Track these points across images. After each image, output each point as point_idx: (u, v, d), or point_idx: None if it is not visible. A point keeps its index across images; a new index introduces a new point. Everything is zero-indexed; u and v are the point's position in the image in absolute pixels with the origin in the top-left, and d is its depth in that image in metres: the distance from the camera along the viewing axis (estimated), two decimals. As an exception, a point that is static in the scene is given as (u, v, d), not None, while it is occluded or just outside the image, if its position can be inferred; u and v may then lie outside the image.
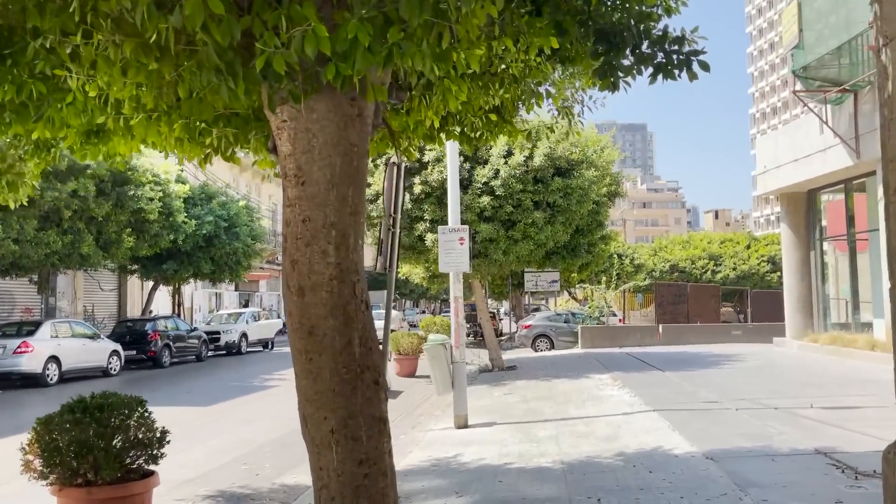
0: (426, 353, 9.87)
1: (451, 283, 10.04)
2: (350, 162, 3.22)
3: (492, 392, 13.72)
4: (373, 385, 3.33)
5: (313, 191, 3.16)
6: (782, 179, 19.92)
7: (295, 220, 3.20)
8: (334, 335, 3.17)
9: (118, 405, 5.22)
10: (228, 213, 24.48)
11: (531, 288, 30.34)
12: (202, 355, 24.93)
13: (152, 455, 5.30)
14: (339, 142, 3.16)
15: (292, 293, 3.22)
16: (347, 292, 3.21)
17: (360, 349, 3.24)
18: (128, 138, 4.24)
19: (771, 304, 30.51)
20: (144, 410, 5.34)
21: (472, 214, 15.48)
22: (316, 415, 3.28)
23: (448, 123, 5.05)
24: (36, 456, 4.94)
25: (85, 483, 4.91)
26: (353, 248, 3.24)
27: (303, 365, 3.28)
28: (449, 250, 9.89)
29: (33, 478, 4.98)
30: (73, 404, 5.11)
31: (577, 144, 16.17)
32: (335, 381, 3.20)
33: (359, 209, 3.31)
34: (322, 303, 3.18)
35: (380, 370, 3.40)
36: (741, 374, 14.06)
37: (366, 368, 3.29)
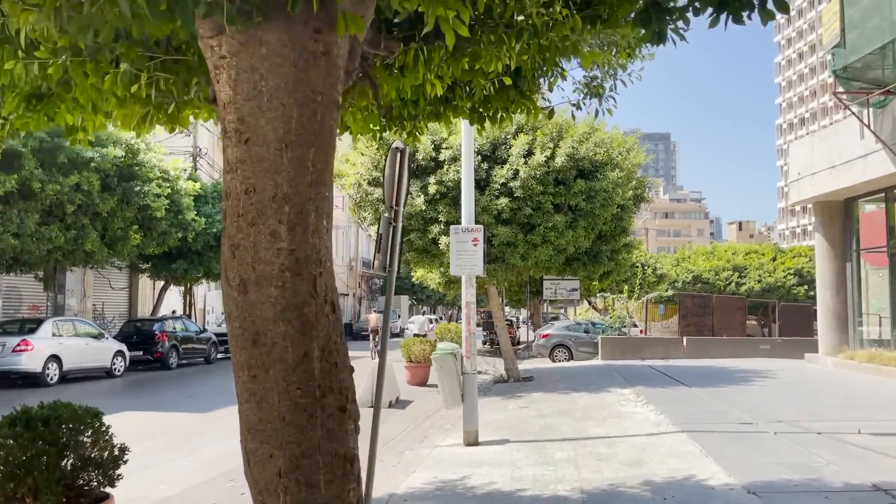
0: (434, 364, 9.10)
1: (464, 288, 9.26)
2: (312, 115, 2.46)
3: (506, 405, 12.90)
4: (337, 413, 2.55)
5: (260, 152, 2.41)
6: (818, 187, 18.90)
7: (236, 191, 2.45)
8: (286, 345, 2.41)
9: (68, 418, 4.49)
10: (241, 213, 23.87)
11: (550, 296, 29.46)
12: (211, 358, 24.37)
13: (108, 476, 4.58)
14: (297, 87, 2.41)
15: (232, 288, 2.47)
16: (305, 289, 2.45)
17: (321, 364, 2.47)
18: (69, 102, 3.52)
19: (800, 317, 29.41)
20: (100, 424, 4.62)
21: (489, 216, 14.71)
22: (260, 450, 2.50)
23: (455, 95, 4.28)
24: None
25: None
26: (315, 229, 2.48)
27: (244, 384, 2.51)
28: (461, 252, 9.12)
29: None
30: (15, 416, 4.40)
31: (601, 145, 15.33)
32: (285, 406, 2.43)
33: (323, 178, 2.54)
34: (270, 302, 2.43)
35: (348, 393, 2.61)
36: (774, 393, 13.11)
37: (328, 390, 2.51)
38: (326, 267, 2.56)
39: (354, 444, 2.68)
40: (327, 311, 2.52)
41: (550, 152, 14.76)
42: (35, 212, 15.09)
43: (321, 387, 2.46)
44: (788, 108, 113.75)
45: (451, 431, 10.20)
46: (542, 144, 14.77)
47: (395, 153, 5.63)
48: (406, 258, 16.35)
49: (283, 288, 2.41)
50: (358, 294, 57.98)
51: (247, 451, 2.55)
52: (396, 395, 14.15)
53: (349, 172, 15.68)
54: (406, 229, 15.23)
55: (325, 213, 2.52)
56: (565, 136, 15.08)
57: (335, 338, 2.54)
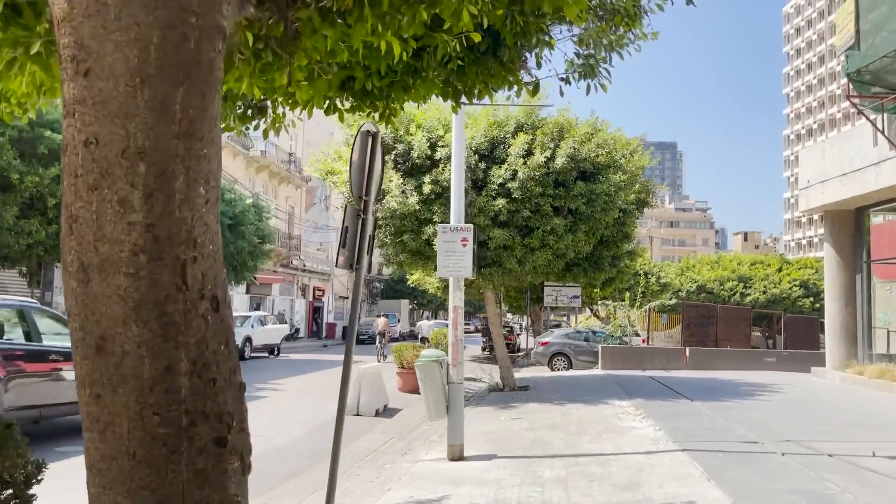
0: (418, 372, 8.50)
1: (451, 291, 8.66)
2: (181, 41, 1.86)
3: (498, 416, 12.27)
4: (212, 447, 1.92)
5: (105, 88, 1.80)
6: (828, 195, 18.26)
7: (73, 143, 1.84)
8: (141, 355, 1.80)
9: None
10: (234, 211, 23.35)
11: (550, 303, 28.82)
12: (201, 359, 23.79)
13: (20, 497, 3.99)
14: (158, 1, 1.82)
15: (70, 276, 1.88)
16: (168, 279, 1.84)
17: (192, 382, 1.86)
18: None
19: (806, 330, 28.74)
20: (10, 437, 4.02)
21: (486, 218, 14.11)
22: (103, 497, 1.88)
23: (424, 63, 3.68)
24: None
25: None
26: (185, 198, 1.88)
27: (86, 406, 1.90)
28: (449, 252, 8.53)
29: None
30: None
31: (603, 146, 14.72)
32: (137, 437, 1.81)
33: (197, 130, 1.92)
34: (119, 295, 1.82)
35: (231, 420, 1.98)
36: (781, 409, 12.45)
37: (200, 417, 1.89)
38: (206, 250, 1.94)
39: (239, 490, 2.03)
40: (203, 311, 1.90)
41: (551, 153, 14.16)
42: (14, 204, 14.54)
43: (190, 412, 1.83)
44: (796, 119, 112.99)
45: (437, 444, 9.58)
46: (543, 144, 14.18)
47: (364, 137, 5.04)
48: (399, 260, 15.76)
49: (136, 276, 1.79)
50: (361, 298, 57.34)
51: (90, 494, 1.92)
52: (384, 403, 13.55)
53: (342, 170, 15.09)
54: (399, 230, 14.65)
55: (201, 178, 1.91)
56: (566, 137, 14.50)
57: (216, 346, 1.93)
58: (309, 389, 16.83)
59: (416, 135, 14.40)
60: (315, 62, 3.15)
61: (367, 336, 44.30)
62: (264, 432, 10.45)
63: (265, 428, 10.73)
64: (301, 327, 45.52)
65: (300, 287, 46.01)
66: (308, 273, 46.11)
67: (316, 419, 11.99)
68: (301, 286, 46.14)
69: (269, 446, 9.52)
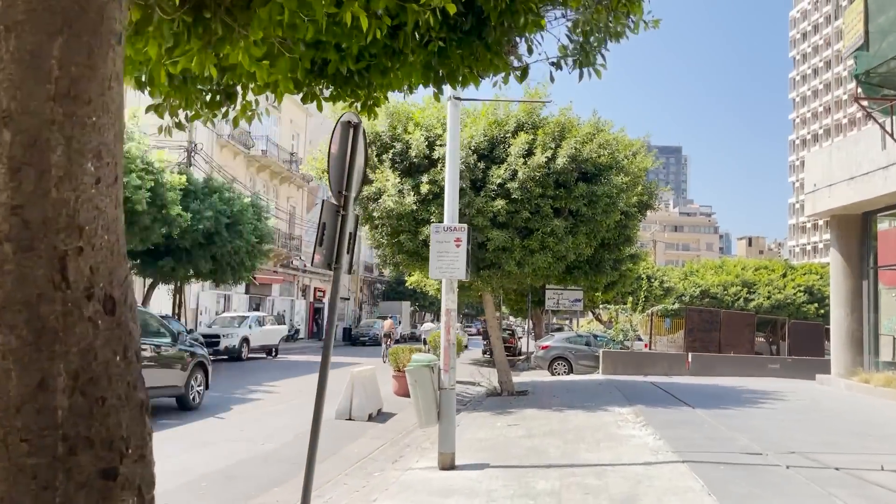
0: (408, 377, 8.19)
1: (444, 293, 8.35)
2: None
3: (494, 422, 11.95)
4: (97, 481, 1.57)
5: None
6: (835, 199, 17.92)
7: None
8: (6, 368, 1.49)
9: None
10: (232, 210, 23.07)
11: (552, 306, 28.47)
12: (197, 359, 23.49)
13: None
14: None
15: None
16: (42, 274, 1.52)
17: (73, 401, 1.54)
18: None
19: (810, 336, 28.37)
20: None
21: (484, 219, 13.81)
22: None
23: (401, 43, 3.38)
24: None
25: None
26: (66, 176, 1.56)
27: None
28: (442, 253, 8.22)
29: None
30: None
31: (605, 146, 14.41)
32: (1, 470, 1.48)
33: (80, 91, 1.59)
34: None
35: (123, 446, 1.64)
36: (785, 418, 12.11)
37: (83, 444, 1.55)
38: (96, 241, 1.62)
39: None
40: (91, 313, 1.57)
41: (551, 153, 13.85)
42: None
43: (69, 437, 1.50)
44: (802, 125, 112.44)
45: (429, 451, 9.26)
46: (543, 144, 13.87)
47: (345, 128, 4.74)
48: (396, 261, 15.46)
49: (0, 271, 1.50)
50: (360, 299, 57.17)
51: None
52: (378, 407, 13.23)
53: (338, 168, 14.80)
54: (396, 230, 14.36)
55: (88, 151, 1.58)
56: (567, 136, 14.19)
57: (107, 356, 1.59)
58: (304, 391, 16.52)
59: (414, 133, 14.11)
60: (276, 38, 2.84)
61: (367, 338, 44.14)
62: (251, 437, 10.16)
63: (253, 432, 10.44)
64: (301, 328, 45.26)
65: (301, 288, 45.76)
66: (309, 274, 45.86)
67: (307, 423, 11.65)
68: (301, 287, 45.90)
69: (254, 452, 9.22)
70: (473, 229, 14.08)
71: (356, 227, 5.10)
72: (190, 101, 3.99)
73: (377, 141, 14.85)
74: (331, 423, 11.89)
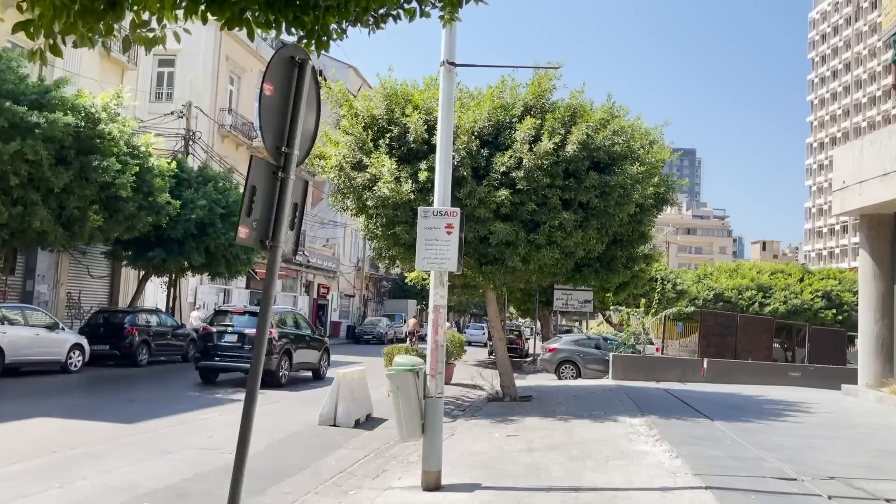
0: (389, 383, 7.11)
1: (432, 287, 7.26)
2: None
3: (492, 432, 10.86)
4: None
5: None
6: (866, 197, 16.69)
7: None
8: None
9: None
10: (227, 200, 22.07)
11: (560, 307, 27.36)
12: (190, 355, 22.55)
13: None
14: None
15: None
16: None
17: None
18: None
19: (831, 343, 27.09)
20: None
21: (487, 210, 12.72)
22: None
23: None
24: None
25: None
26: None
27: None
28: (431, 241, 7.14)
29: None
30: None
31: (620, 133, 13.28)
32: None
33: None
34: None
35: None
36: (816, 434, 10.94)
37: None
38: None
39: None
40: None
41: (560, 139, 12.74)
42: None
43: None
44: (820, 127, 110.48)
45: (415, 465, 8.17)
46: (552, 129, 12.76)
47: (285, 65, 3.65)
48: (392, 254, 14.38)
49: None
50: (365, 296, 56.18)
51: None
52: (367, 413, 12.16)
53: (331, 154, 13.75)
54: (391, 221, 13.29)
55: None
56: (578, 122, 13.06)
57: None
58: (291, 392, 15.50)
59: (412, 116, 13.04)
60: None
61: (371, 336, 43.11)
62: (218, 445, 9.12)
63: (221, 440, 9.40)
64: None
65: (304, 284, 44.79)
66: (312, 270, 44.87)
67: (284, 429, 10.64)
68: (305, 283, 44.92)
69: (217, 463, 8.17)
70: (475, 221, 13.00)
71: (304, 198, 4.02)
72: (59, 11, 2.92)
73: (374, 124, 13.80)
74: (312, 429, 10.85)
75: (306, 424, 11.14)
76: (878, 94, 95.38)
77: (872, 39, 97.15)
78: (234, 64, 34.66)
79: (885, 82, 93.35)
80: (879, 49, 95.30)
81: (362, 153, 13.30)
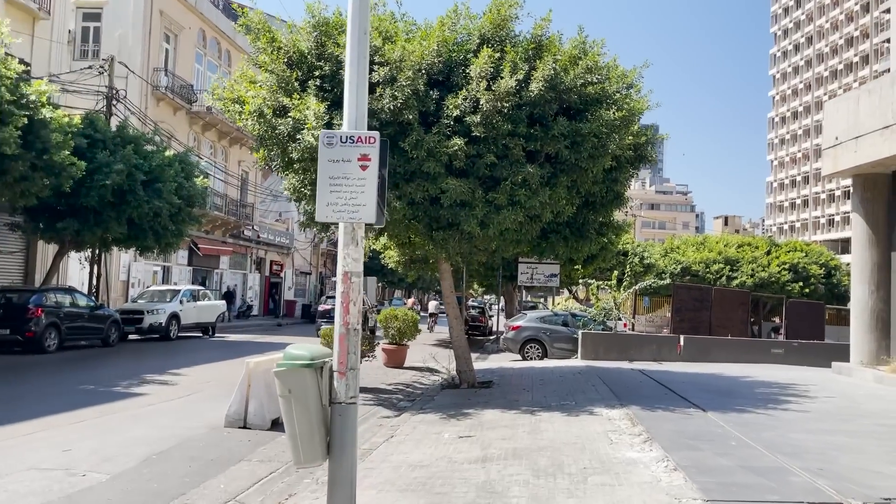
0: (277, 384, 4.96)
1: (341, 245, 5.10)
2: None
3: (441, 431, 8.81)
4: None
5: None
6: (862, 154, 14.95)
7: None
8: None
9: None
10: (150, 165, 19.50)
11: (525, 281, 25.43)
12: (111, 339, 20.11)
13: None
14: None
15: None
16: None
17: None
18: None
19: (809, 316, 25.67)
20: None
21: (437, 164, 10.57)
22: None
23: None
24: None
25: None
26: None
27: None
28: (337, 180, 4.97)
29: None
30: None
31: (594, 71, 11.19)
32: None
33: None
34: None
35: None
36: (831, 428, 9.11)
37: None
38: None
39: None
40: None
41: (524, 76, 10.60)
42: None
43: None
44: (782, 102, 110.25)
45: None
46: (513, 64, 10.61)
47: None
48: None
49: None
50: (323, 273, 53.67)
51: None
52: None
53: (249, 97, 11.40)
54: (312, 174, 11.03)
55: None
56: (545, 56, 10.92)
57: None
58: (212, 382, 13.27)
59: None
60: None
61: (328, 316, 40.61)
62: (70, 463, 6.88)
63: (80, 455, 7.17)
64: (255, 304, 41.74)
65: (255, 260, 42.17)
66: (264, 246, 42.26)
67: (178, 434, 8.43)
68: (256, 259, 42.30)
69: (55, 494, 5.94)
70: (424, 178, 10.82)
71: None
72: None
73: (301, 62, 11.46)
74: (214, 434, 8.65)
75: (210, 426, 8.94)
76: (840, 67, 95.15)
77: (835, 13, 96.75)
78: (170, 20, 31.67)
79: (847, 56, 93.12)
80: (842, 22, 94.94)
81: (285, 95, 10.98)
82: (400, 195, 11.00)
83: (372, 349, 13.17)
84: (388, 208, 10.87)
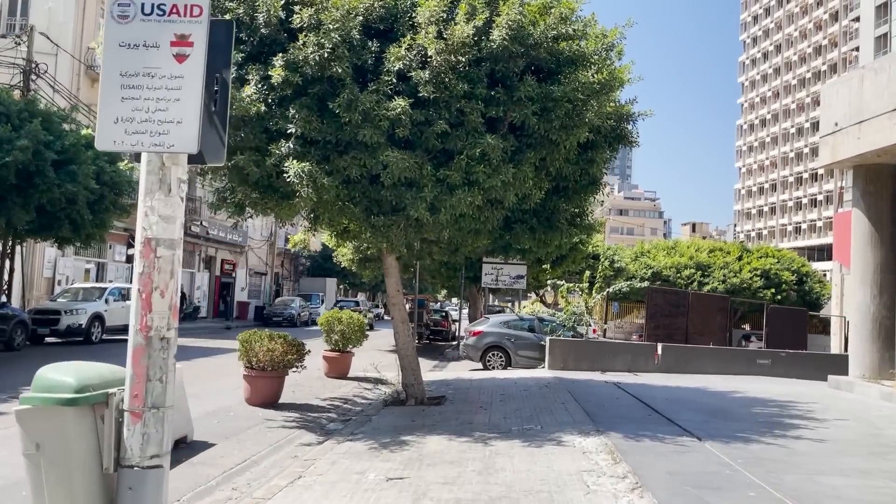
0: (21, 434, 2.86)
1: (141, 196, 3.02)
2: None
3: (365, 470, 6.69)
4: None
5: None
6: (866, 141, 13.24)
7: None
8: None
9: None
10: (63, 144, 17.09)
11: (489, 283, 23.47)
12: (16, 342, 17.61)
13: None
14: None
15: None
16: None
17: None
18: None
19: (791, 324, 24.10)
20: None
21: (377, 132, 8.48)
22: None
23: None
24: None
25: None
26: None
27: None
28: (134, 79, 2.86)
29: None
30: None
31: (569, 22, 9.22)
32: None
33: None
34: None
35: None
36: (858, 459, 7.23)
37: None
38: None
39: None
40: None
41: (484, 23, 8.58)
42: None
43: None
44: (750, 109, 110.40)
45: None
46: (471, 8, 8.60)
47: None
48: (237, 200, 9.95)
49: None
50: (280, 274, 51.15)
51: None
52: (183, 434, 7.85)
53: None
54: (234, 147, 8.89)
55: None
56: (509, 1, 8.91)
57: None
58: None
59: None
60: None
61: (282, 318, 37.98)
62: None
63: None
64: (203, 305, 39.09)
65: (203, 259, 39.55)
66: (214, 243, 39.65)
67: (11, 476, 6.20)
68: (205, 258, 39.68)
69: None
70: (359, 149, 8.75)
71: None
72: None
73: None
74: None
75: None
76: (808, 76, 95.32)
77: (804, 21, 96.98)
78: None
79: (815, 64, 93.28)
80: (810, 31, 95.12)
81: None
82: (331, 170, 8.89)
83: (301, 358, 11.01)
84: (314, 185, 8.88)
